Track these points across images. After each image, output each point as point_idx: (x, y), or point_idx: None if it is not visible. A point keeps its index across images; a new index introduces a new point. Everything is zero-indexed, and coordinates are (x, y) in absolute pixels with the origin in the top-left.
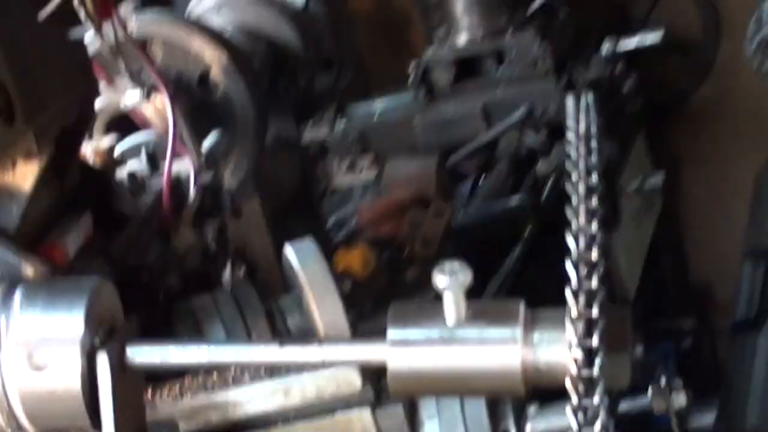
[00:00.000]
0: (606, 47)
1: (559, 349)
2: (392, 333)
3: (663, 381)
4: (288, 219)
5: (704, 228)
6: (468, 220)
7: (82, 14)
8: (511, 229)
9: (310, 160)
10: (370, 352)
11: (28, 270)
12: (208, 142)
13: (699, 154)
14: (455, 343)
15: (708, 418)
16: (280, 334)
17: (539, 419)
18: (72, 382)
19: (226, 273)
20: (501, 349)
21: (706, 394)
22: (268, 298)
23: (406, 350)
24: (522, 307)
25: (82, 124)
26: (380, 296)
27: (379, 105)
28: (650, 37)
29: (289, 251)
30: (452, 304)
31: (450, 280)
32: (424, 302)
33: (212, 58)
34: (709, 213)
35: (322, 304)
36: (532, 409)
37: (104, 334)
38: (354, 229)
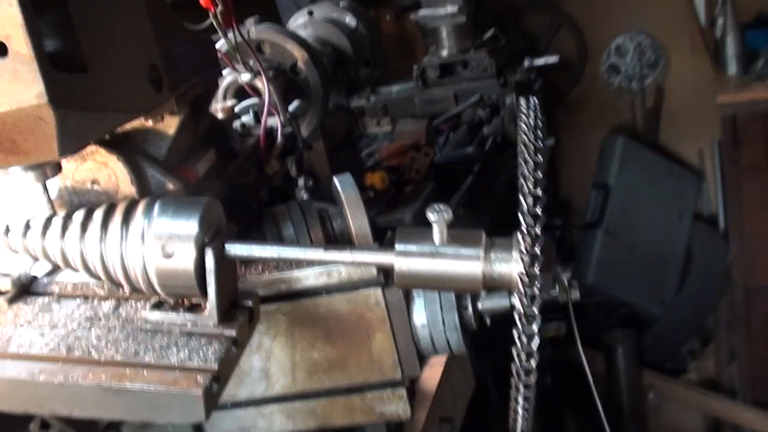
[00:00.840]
0: (526, 62)
1: (506, 264)
2: (398, 246)
3: (566, 281)
4: (339, 152)
5: (572, 169)
6: (442, 159)
7: (215, 25)
8: (467, 166)
9: (354, 118)
10: (383, 257)
11: (170, 185)
12: (292, 106)
13: (571, 127)
14: (439, 256)
15: (567, 275)
16: (329, 232)
17: (486, 299)
18: (189, 266)
19: (301, 182)
20: (469, 263)
21: (566, 261)
22: (323, 206)
23: (406, 259)
24: (484, 235)
25: (209, 93)
26: (390, 201)
27: (395, 88)
28: (552, 58)
29: (336, 180)
30: (438, 231)
31: (437, 216)
32: (420, 228)
33: (299, 55)
34: (575, 160)
35: (354, 216)
36: (482, 292)
37: (211, 234)
38: (377, 160)
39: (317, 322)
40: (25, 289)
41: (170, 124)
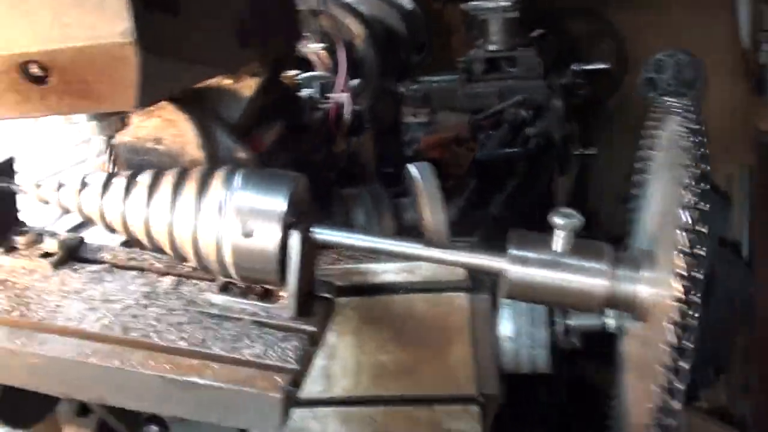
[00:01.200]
0: (574, 66)
1: (633, 284)
2: (512, 251)
3: None
4: (385, 139)
5: (599, 180)
6: (483, 157)
7: None
8: (509, 165)
9: (399, 105)
10: (493, 262)
11: (240, 153)
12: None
13: (606, 137)
14: (559, 267)
15: None
16: (400, 224)
17: (576, 317)
18: (271, 247)
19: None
20: (592, 278)
21: None
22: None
23: (522, 267)
24: (609, 249)
25: (288, 58)
26: None
27: (437, 79)
28: (601, 65)
29: (412, 168)
30: (562, 239)
31: (565, 221)
32: (535, 233)
33: (357, 31)
34: (604, 171)
35: (433, 209)
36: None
37: (297, 215)
38: (417, 149)
39: (391, 322)
40: (72, 254)
41: (249, 86)
